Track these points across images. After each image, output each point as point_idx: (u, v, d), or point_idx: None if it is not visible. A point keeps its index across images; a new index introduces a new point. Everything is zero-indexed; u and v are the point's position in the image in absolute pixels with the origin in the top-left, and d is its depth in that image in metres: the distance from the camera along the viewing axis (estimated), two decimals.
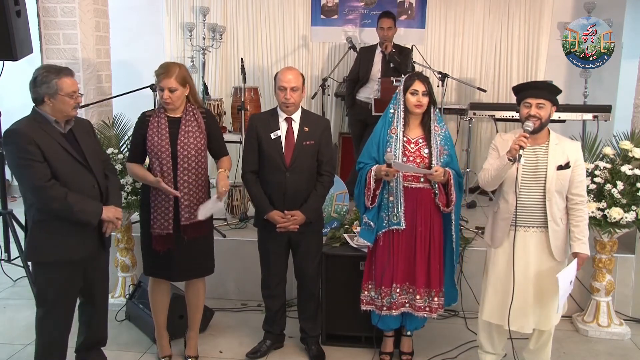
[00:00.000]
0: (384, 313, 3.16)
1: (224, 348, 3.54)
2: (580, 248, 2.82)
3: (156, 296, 3.29)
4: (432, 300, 3.11)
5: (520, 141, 2.67)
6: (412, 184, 3.06)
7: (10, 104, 5.51)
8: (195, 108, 3.11)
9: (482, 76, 6.03)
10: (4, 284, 4.45)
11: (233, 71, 6.24)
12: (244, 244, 4.13)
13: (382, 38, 5.10)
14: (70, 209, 2.65)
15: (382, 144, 3.09)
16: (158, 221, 3.06)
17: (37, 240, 2.73)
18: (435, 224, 3.09)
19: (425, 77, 3.10)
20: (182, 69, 3.03)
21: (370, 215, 3.15)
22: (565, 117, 4.87)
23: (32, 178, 2.61)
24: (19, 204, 3.07)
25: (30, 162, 2.60)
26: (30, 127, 2.65)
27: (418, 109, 3.05)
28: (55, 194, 2.62)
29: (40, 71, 2.68)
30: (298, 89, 3.14)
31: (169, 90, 2.98)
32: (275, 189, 3.20)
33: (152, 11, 6.23)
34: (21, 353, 3.46)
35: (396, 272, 3.10)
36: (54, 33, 4.20)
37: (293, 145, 3.18)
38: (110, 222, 2.81)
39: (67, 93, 2.67)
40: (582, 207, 2.83)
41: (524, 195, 2.81)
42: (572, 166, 2.79)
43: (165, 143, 3.01)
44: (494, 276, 2.93)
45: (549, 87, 2.87)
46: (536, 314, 2.88)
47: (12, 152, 2.64)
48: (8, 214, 4.21)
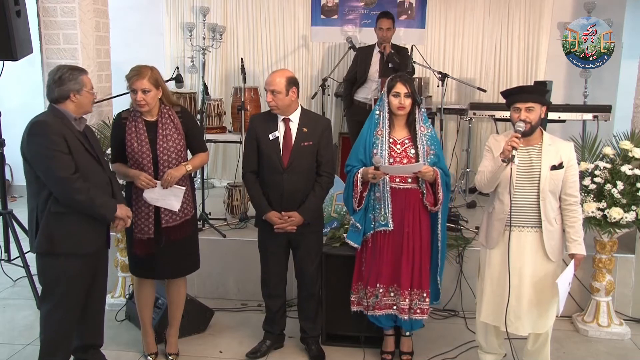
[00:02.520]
0: (370, 313, 3.19)
1: (224, 348, 3.54)
2: (576, 249, 2.84)
3: (140, 294, 3.31)
4: (424, 302, 3.12)
5: (512, 142, 2.69)
6: (400, 184, 3.08)
7: (10, 104, 5.52)
8: (170, 109, 3.11)
9: (482, 76, 6.04)
10: (4, 284, 4.44)
11: (233, 71, 6.24)
12: (244, 244, 4.13)
13: (380, 39, 5.09)
14: (93, 202, 2.71)
15: (369, 146, 3.12)
16: (138, 226, 3.09)
17: (51, 230, 2.75)
18: (423, 224, 3.10)
19: (407, 78, 3.11)
20: (154, 71, 3.04)
21: (357, 217, 3.17)
22: (565, 117, 4.87)
23: (58, 169, 2.67)
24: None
25: (57, 154, 2.66)
26: (55, 120, 2.75)
27: (400, 110, 3.07)
28: (80, 186, 2.68)
29: (64, 70, 2.79)
30: (279, 92, 3.11)
31: (142, 91, 2.98)
32: (273, 189, 3.20)
33: (152, 11, 6.23)
34: (21, 353, 3.46)
35: (381, 273, 3.12)
36: (54, 33, 4.19)
37: (291, 146, 3.18)
38: (122, 219, 2.86)
39: (89, 89, 2.82)
40: (576, 207, 2.86)
41: (518, 195, 2.84)
42: (565, 166, 2.82)
43: (146, 149, 3.03)
44: (489, 277, 2.95)
45: (537, 90, 2.90)
46: (532, 316, 2.89)
47: (39, 143, 2.68)
48: (8, 214, 4.21)
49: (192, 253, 3.28)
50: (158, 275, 3.24)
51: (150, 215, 3.07)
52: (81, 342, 3.06)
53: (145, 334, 3.39)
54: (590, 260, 3.81)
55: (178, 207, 3.06)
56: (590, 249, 3.85)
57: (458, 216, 4.40)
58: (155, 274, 3.22)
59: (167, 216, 3.08)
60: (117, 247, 4.05)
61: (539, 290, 2.86)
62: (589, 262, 3.86)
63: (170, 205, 3.05)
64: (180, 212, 3.10)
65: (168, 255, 3.15)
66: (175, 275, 3.28)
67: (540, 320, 2.89)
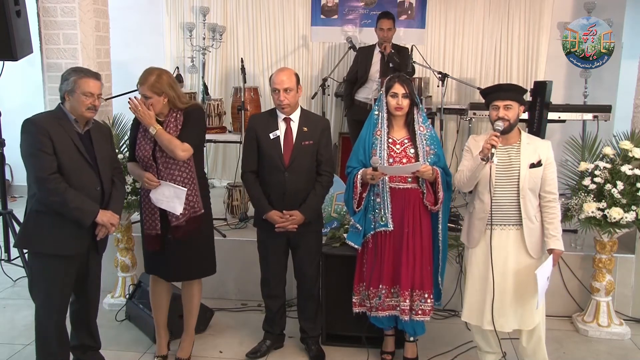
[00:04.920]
0: (373, 314, 3.18)
1: (224, 348, 3.54)
2: (555, 244, 2.88)
3: (155, 294, 3.31)
4: (425, 303, 3.11)
5: (491, 140, 2.74)
6: (400, 184, 3.07)
7: (10, 104, 5.51)
8: (179, 111, 3.08)
9: (482, 76, 6.03)
10: (4, 284, 4.45)
11: (233, 71, 6.24)
12: (244, 244, 4.13)
13: (381, 39, 5.09)
14: (66, 204, 2.69)
15: (368, 147, 3.11)
16: (147, 222, 3.13)
17: (30, 229, 2.80)
18: (423, 224, 3.10)
19: (405, 78, 3.10)
20: (161, 78, 2.98)
21: (357, 217, 3.17)
22: (565, 117, 4.86)
23: (37, 168, 2.69)
24: (19, 204, 3.08)
25: (39, 153, 2.67)
26: (47, 119, 2.76)
27: (398, 111, 3.08)
28: (55, 187, 2.67)
29: (69, 70, 2.82)
30: (292, 89, 3.14)
31: (143, 97, 3.01)
32: (274, 189, 3.20)
33: (152, 11, 6.23)
34: (21, 353, 3.45)
35: (383, 274, 3.12)
36: (54, 33, 4.19)
37: (292, 145, 3.18)
38: (103, 226, 2.84)
39: (83, 92, 2.76)
40: (555, 204, 2.90)
41: (498, 194, 2.88)
42: (543, 164, 2.86)
43: (149, 147, 3.05)
44: (471, 276, 2.99)
45: (515, 88, 2.94)
46: (517, 313, 2.92)
47: (26, 140, 2.71)
48: (8, 214, 4.21)
49: (205, 256, 3.23)
50: (167, 275, 3.22)
51: (155, 211, 3.08)
52: (78, 342, 3.07)
53: (158, 336, 3.37)
54: (590, 260, 3.81)
55: (180, 211, 3.04)
56: (590, 249, 3.86)
57: (458, 216, 4.40)
58: (164, 273, 3.21)
59: (173, 216, 3.07)
60: (117, 247, 4.06)
61: (522, 286, 2.90)
62: (589, 262, 3.86)
63: (173, 208, 3.04)
64: (184, 210, 3.07)
65: (178, 256, 3.13)
66: (184, 277, 3.26)
67: (526, 317, 2.92)
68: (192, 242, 3.14)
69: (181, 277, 3.27)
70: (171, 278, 3.26)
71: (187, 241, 3.11)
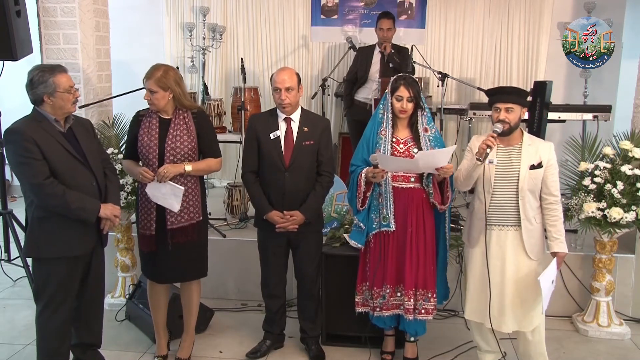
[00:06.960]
0: (377, 314, 3.18)
1: (224, 348, 3.54)
2: (558, 247, 2.88)
3: (152, 295, 3.31)
4: (429, 302, 3.12)
5: (488, 141, 2.75)
6: (402, 184, 3.07)
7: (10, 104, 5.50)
8: (185, 111, 3.09)
9: (482, 76, 6.04)
10: (4, 284, 4.45)
11: (233, 71, 6.24)
12: (244, 244, 4.13)
13: (381, 39, 5.09)
14: (68, 206, 2.68)
15: (372, 145, 3.11)
16: (142, 222, 3.12)
17: (36, 236, 2.76)
18: (427, 224, 3.10)
19: (412, 81, 3.09)
20: (168, 73, 3.00)
21: (361, 217, 3.17)
22: (565, 117, 4.86)
23: (30, 175, 2.66)
24: (19, 204, 3.08)
25: (29, 160, 2.64)
26: (29, 126, 2.69)
27: (402, 114, 3.08)
28: (53, 191, 2.65)
29: (35, 72, 2.72)
30: (293, 88, 3.14)
31: (149, 91, 3.01)
32: (274, 189, 3.20)
33: (152, 11, 6.24)
34: (21, 353, 3.46)
35: (387, 273, 3.12)
36: (54, 33, 4.19)
37: (292, 145, 3.18)
38: (108, 219, 2.84)
39: (65, 89, 2.72)
40: (557, 206, 2.89)
41: (497, 194, 2.89)
42: (544, 166, 2.86)
43: (154, 144, 3.03)
44: (472, 275, 3.00)
45: (518, 92, 2.93)
46: (516, 314, 2.91)
47: (12, 150, 2.68)
48: (8, 214, 4.21)
49: (198, 259, 3.24)
50: (163, 278, 3.22)
51: (151, 211, 3.07)
52: (79, 340, 3.06)
53: (157, 336, 3.37)
54: (590, 260, 3.81)
55: (178, 208, 3.03)
56: (590, 249, 3.86)
57: (458, 216, 4.40)
58: (160, 275, 3.20)
59: (172, 217, 3.06)
60: (117, 247, 4.06)
61: (521, 288, 2.90)
62: (589, 262, 3.86)
63: (171, 205, 3.03)
64: (185, 215, 3.07)
65: (173, 259, 3.13)
66: (179, 279, 3.27)
67: (525, 319, 2.92)
68: (188, 245, 3.14)
69: (174, 279, 3.28)
70: (164, 280, 3.25)
71: (183, 244, 3.11)
